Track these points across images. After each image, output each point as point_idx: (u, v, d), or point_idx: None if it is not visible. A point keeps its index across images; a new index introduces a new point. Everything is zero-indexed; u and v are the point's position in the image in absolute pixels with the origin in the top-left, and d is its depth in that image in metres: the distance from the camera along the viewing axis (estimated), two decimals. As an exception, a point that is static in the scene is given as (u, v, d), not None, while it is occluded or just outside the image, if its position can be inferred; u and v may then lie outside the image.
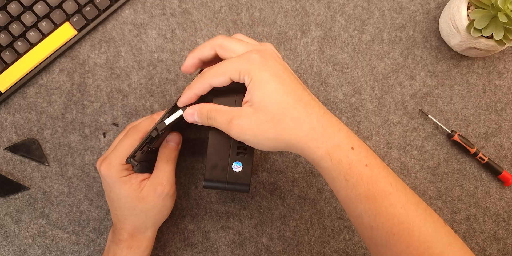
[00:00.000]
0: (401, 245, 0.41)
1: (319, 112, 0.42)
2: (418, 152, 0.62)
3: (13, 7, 0.57)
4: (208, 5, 0.62)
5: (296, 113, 0.41)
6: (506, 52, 0.63)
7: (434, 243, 0.41)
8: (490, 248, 0.62)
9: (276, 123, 0.41)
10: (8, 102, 0.60)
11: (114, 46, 0.61)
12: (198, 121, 0.46)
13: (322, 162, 0.42)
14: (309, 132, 0.41)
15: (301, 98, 0.42)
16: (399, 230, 0.41)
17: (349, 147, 0.42)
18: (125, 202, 0.51)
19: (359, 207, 0.42)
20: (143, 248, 0.53)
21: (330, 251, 0.60)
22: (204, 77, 0.45)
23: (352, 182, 0.41)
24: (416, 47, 0.63)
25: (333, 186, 0.43)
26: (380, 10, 0.63)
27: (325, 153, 0.41)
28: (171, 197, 0.53)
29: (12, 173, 0.59)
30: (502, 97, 0.63)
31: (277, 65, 0.43)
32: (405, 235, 0.41)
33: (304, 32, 0.63)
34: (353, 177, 0.41)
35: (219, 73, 0.43)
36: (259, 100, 0.41)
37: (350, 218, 0.44)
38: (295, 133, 0.41)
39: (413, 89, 0.63)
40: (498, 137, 0.63)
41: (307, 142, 0.41)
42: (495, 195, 0.62)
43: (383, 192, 0.41)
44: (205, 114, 0.45)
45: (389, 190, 0.41)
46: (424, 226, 0.42)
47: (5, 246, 0.59)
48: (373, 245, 0.43)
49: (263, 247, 0.60)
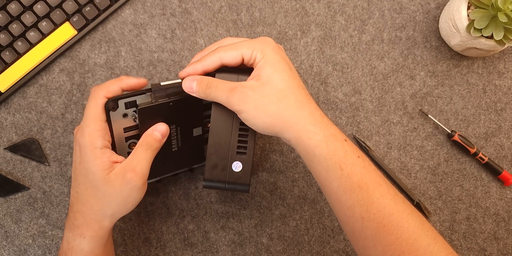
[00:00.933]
0: (390, 236, 0.41)
1: (315, 105, 0.44)
2: (418, 152, 0.62)
3: (13, 7, 0.57)
4: (208, 5, 0.62)
5: (299, 96, 0.43)
6: (506, 52, 0.63)
7: (422, 236, 0.42)
8: (490, 248, 0.62)
9: (280, 99, 0.42)
10: (8, 102, 0.60)
11: (114, 46, 0.61)
12: (196, 89, 0.45)
13: (317, 149, 0.42)
14: (309, 116, 0.42)
15: (303, 86, 0.44)
16: (389, 220, 0.41)
17: (343, 138, 0.43)
18: (90, 180, 0.45)
19: (352, 197, 0.42)
20: (98, 238, 0.46)
21: (330, 251, 0.60)
22: (216, 51, 0.45)
23: (347, 171, 0.42)
24: (416, 47, 0.63)
25: (325, 177, 0.43)
26: (380, 10, 0.63)
27: (322, 140, 0.42)
28: (139, 189, 0.45)
29: (12, 173, 0.59)
30: (502, 97, 0.63)
31: (286, 55, 0.46)
32: (394, 226, 0.41)
33: (304, 32, 0.63)
34: (348, 166, 0.42)
35: (233, 48, 0.44)
36: (268, 74, 0.43)
37: (340, 212, 0.44)
38: (296, 113, 0.42)
39: (413, 89, 0.63)
40: (498, 137, 0.63)
41: (306, 125, 0.42)
42: (495, 195, 0.62)
43: (375, 183, 0.42)
44: (205, 82, 0.45)
45: (380, 182, 0.42)
46: (412, 219, 0.42)
47: (5, 246, 0.59)
48: (362, 239, 0.43)
49: (263, 247, 0.60)
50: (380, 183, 0.42)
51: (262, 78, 0.43)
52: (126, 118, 0.48)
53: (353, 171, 0.42)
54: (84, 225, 0.46)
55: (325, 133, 0.42)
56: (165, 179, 0.60)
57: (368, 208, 0.42)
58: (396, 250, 0.41)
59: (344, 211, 0.43)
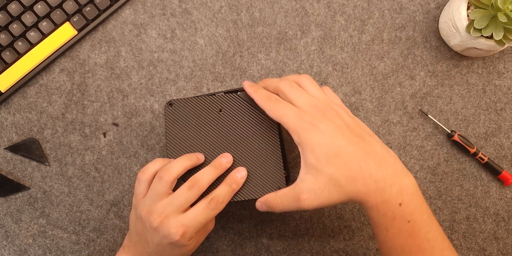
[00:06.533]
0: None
1: (374, 165, 0.44)
2: (418, 152, 0.62)
3: (13, 7, 0.57)
4: (208, 5, 0.62)
5: (349, 171, 0.44)
6: (506, 52, 0.63)
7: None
8: (490, 248, 0.62)
9: (334, 184, 0.44)
10: (9, 102, 0.60)
11: (114, 46, 0.61)
12: (268, 210, 0.49)
13: (369, 211, 0.45)
14: (362, 188, 0.44)
15: (353, 154, 0.44)
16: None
17: (397, 203, 0.44)
18: (155, 246, 0.47)
19: (393, 254, 0.46)
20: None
21: (330, 251, 0.60)
22: (267, 100, 0.48)
23: (392, 233, 0.45)
24: (416, 47, 0.63)
25: (374, 231, 0.47)
26: (380, 10, 0.63)
27: (373, 206, 0.45)
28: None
29: (12, 173, 0.59)
30: (502, 97, 0.63)
31: (329, 125, 0.45)
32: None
33: (304, 32, 0.63)
34: (394, 229, 0.45)
35: (276, 113, 0.46)
36: (314, 163, 0.44)
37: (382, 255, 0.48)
38: (351, 190, 0.44)
39: (413, 89, 0.63)
40: (498, 137, 0.63)
41: (362, 197, 0.45)
42: (495, 195, 0.62)
43: (418, 247, 0.45)
44: (272, 202, 0.48)
45: (424, 246, 0.45)
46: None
47: (5, 245, 0.59)
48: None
49: (263, 247, 0.60)
50: (424, 248, 0.45)
51: (310, 169, 0.45)
52: None
53: (398, 234, 0.45)
54: None
55: (377, 201, 0.44)
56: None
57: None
58: None
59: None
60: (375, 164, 0.44)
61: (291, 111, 0.45)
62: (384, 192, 0.44)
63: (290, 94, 0.47)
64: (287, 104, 0.46)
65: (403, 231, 0.45)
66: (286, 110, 0.45)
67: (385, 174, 0.44)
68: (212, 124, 0.51)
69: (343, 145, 0.44)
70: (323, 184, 0.44)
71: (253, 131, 0.51)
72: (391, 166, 0.45)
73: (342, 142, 0.44)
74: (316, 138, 0.44)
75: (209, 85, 0.62)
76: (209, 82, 0.62)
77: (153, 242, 0.46)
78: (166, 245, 0.46)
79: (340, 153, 0.44)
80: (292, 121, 0.45)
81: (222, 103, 0.52)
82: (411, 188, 0.45)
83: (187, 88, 0.61)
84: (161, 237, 0.45)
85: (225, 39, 0.62)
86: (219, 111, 0.51)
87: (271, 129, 0.51)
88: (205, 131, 0.51)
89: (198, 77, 0.62)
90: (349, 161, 0.44)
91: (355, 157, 0.44)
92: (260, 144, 0.51)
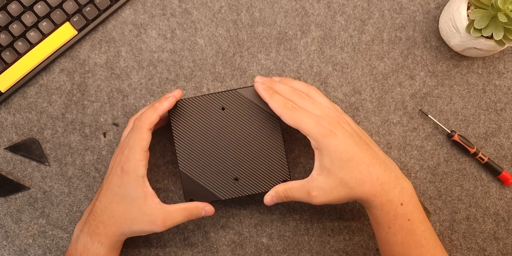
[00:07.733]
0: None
1: (380, 170, 0.50)
2: (418, 152, 0.62)
3: (13, 7, 0.57)
4: (208, 5, 0.62)
5: (359, 175, 0.49)
6: (506, 52, 0.63)
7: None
8: (490, 248, 0.62)
9: (344, 186, 0.50)
10: (9, 102, 0.60)
11: (114, 46, 0.61)
12: (278, 202, 0.54)
13: (373, 209, 0.51)
14: (370, 189, 0.49)
15: (363, 160, 0.49)
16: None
17: (399, 202, 0.50)
18: (126, 203, 0.50)
19: (394, 250, 0.51)
20: (112, 246, 0.52)
21: (330, 251, 0.60)
22: (284, 108, 0.51)
23: (394, 230, 0.50)
24: (416, 47, 0.63)
25: (375, 229, 0.52)
26: (380, 10, 0.63)
27: (378, 205, 0.50)
28: (159, 231, 0.52)
29: (12, 173, 0.59)
30: (502, 97, 0.63)
31: (344, 133, 0.50)
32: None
33: (304, 32, 0.63)
34: (395, 226, 0.50)
35: (294, 120, 0.50)
36: (328, 167, 0.49)
37: (382, 254, 0.53)
38: (359, 191, 0.50)
39: (413, 89, 0.63)
40: (498, 137, 0.63)
41: (368, 197, 0.50)
42: (495, 195, 0.62)
43: (417, 243, 0.50)
44: (282, 195, 0.53)
45: (422, 243, 0.50)
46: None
47: (5, 246, 0.59)
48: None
49: (263, 247, 0.60)
50: (422, 244, 0.50)
51: (323, 171, 0.50)
52: None
53: (399, 231, 0.50)
54: (103, 234, 0.51)
55: (382, 200, 0.50)
56: (165, 179, 0.60)
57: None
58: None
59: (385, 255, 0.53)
60: (381, 169, 0.50)
61: (310, 118, 0.49)
62: (388, 193, 0.50)
63: (305, 105, 0.51)
64: (305, 111, 0.50)
65: (403, 228, 0.50)
66: (305, 118, 0.50)
67: (389, 177, 0.50)
68: (216, 121, 0.54)
69: (355, 152, 0.49)
70: (333, 185, 0.50)
71: (256, 127, 0.54)
72: (393, 171, 0.51)
73: (354, 149, 0.49)
74: (334, 144, 0.49)
75: (209, 85, 0.62)
76: (209, 82, 0.62)
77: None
78: (116, 179, 0.51)
79: (353, 159, 0.49)
80: (312, 127, 0.49)
81: (224, 101, 0.54)
82: (410, 190, 0.51)
83: (187, 88, 0.61)
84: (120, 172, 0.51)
85: (225, 39, 0.62)
86: (222, 109, 0.54)
87: (273, 124, 0.54)
88: (210, 129, 0.54)
89: (198, 77, 0.62)
90: (359, 166, 0.49)
91: (365, 163, 0.49)
92: (263, 138, 0.54)
